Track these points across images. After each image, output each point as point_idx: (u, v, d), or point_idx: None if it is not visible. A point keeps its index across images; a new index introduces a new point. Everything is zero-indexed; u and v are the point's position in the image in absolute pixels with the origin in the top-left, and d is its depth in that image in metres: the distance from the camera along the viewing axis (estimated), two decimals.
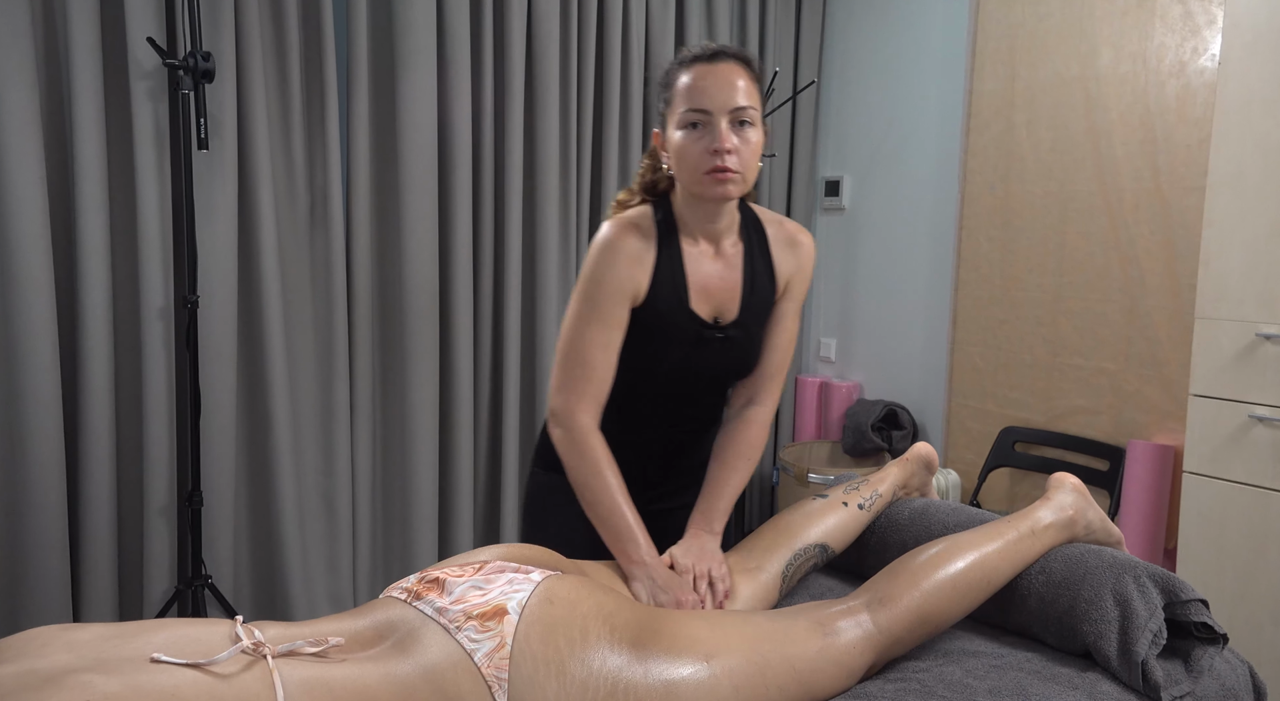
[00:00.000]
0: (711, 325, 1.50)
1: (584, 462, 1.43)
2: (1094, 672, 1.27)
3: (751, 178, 1.43)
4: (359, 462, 2.74)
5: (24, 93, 2.13)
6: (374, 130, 2.68)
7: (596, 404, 1.46)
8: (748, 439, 1.55)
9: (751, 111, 1.39)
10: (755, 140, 1.41)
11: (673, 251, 1.48)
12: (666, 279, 1.47)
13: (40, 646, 0.90)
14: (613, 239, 1.46)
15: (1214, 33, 2.40)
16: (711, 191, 1.40)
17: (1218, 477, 2.08)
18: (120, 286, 2.36)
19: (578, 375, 1.45)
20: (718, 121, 1.38)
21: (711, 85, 1.38)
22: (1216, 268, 2.07)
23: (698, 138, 1.39)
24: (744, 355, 1.54)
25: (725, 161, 1.37)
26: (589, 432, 1.44)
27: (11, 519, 2.23)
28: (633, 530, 1.40)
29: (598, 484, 1.41)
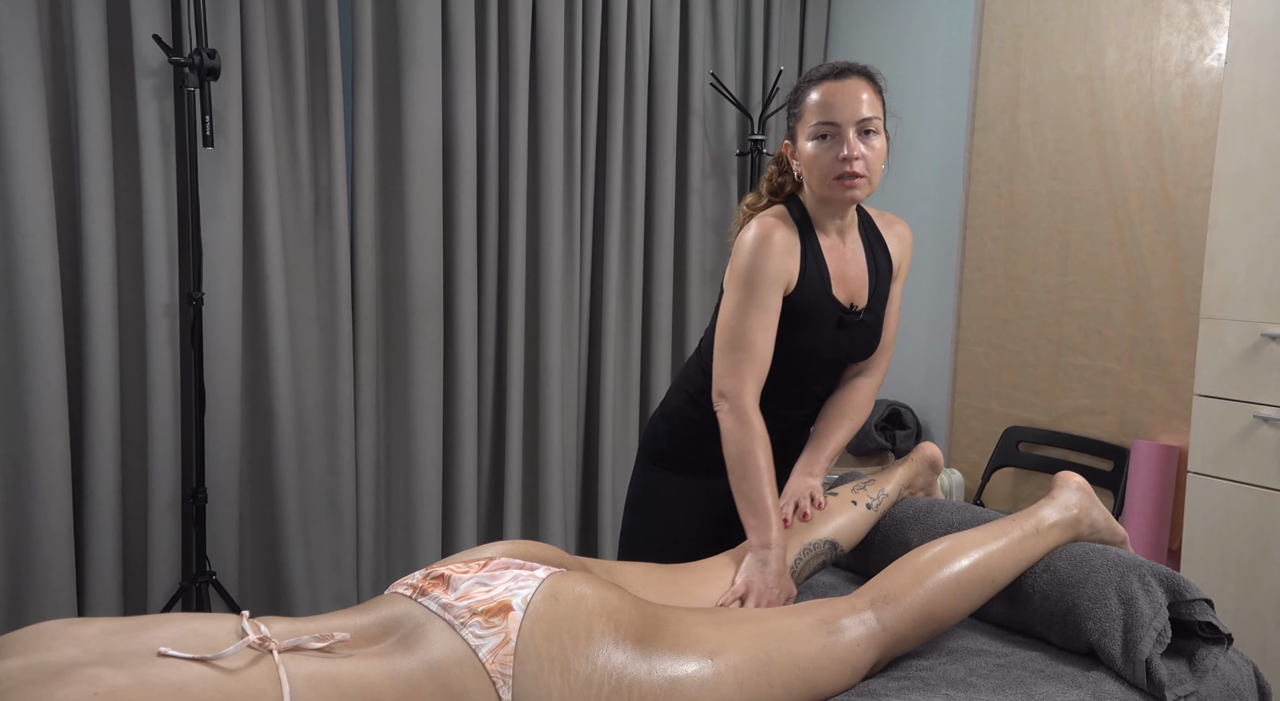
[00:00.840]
0: (850, 310, 1.64)
1: (743, 441, 1.53)
2: (1098, 671, 1.27)
3: (876, 181, 1.57)
4: (362, 460, 2.74)
5: (30, 90, 2.14)
6: (378, 128, 2.68)
7: (759, 384, 1.57)
8: (854, 402, 1.70)
9: (875, 121, 1.53)
10: (879, 147, 1.55)
11: (813, 244, 1.62)
12: (812, 269, 1.61)
13: (48, 640, 0.90)
14: (768, 232, 1.58)
15: (1220, 32, 2.40)
16: (841, 196, 1.55)
17: (1222, 478, 2.07)
18: (125, 283, 2.36)
19: (742, 358, 1.56)
20: (846, 132, 1.51)
21: (839, 100, 1.52)
22: (1222, 268, 2.07)
23: (828, 147, 1.53)
24: (874, 336, 1.70)
25: (854, 168, 1.51)
26: (753, 414, 1.55)
27: (18, 514, 2.24)
28: (770, 511, 1.50)
29: (750, 462, 1.52)
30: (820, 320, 1.62)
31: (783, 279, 1.58)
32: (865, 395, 1.71)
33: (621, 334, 3.15)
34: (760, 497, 1.50)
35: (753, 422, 1.53)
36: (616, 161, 3.05)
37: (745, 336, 1.56)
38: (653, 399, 3.21)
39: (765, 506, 1.49)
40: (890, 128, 1.61)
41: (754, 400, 1.55)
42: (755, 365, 1.56)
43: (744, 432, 1.53)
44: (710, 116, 3.28)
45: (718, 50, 3.25)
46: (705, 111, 3.25)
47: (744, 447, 1.53)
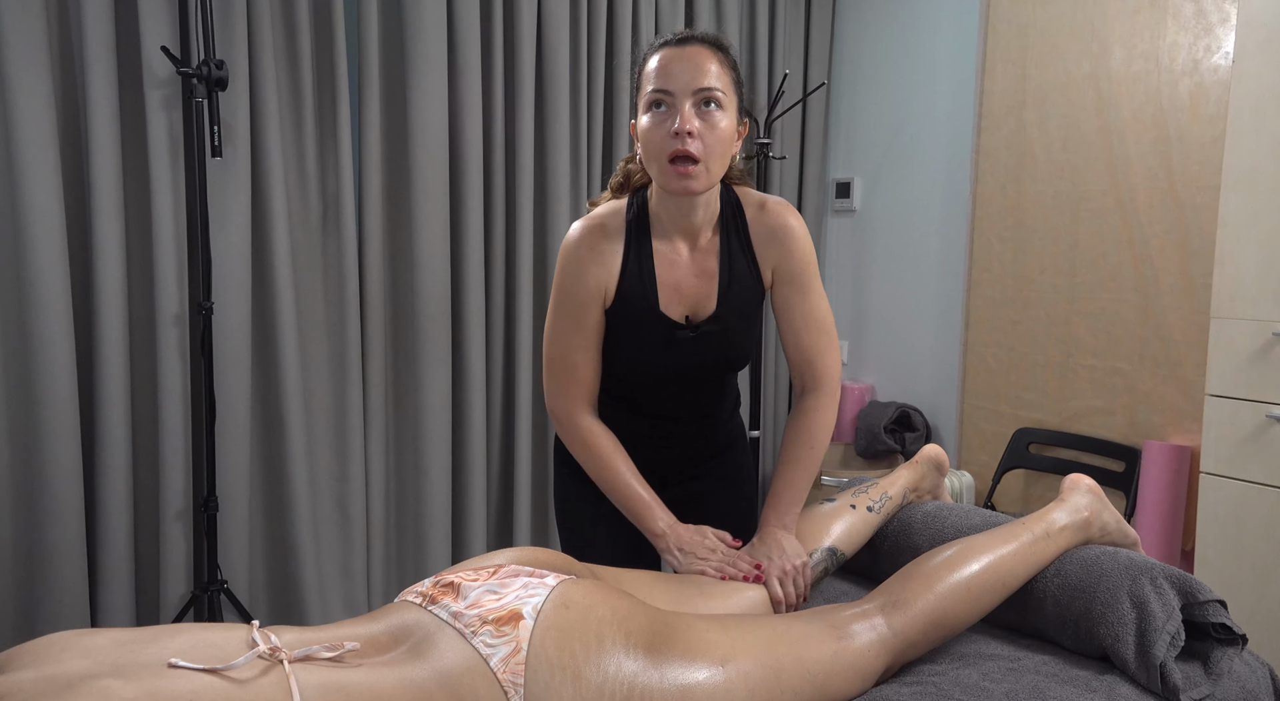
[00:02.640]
0: (683, 325, 1.47)
1: (592, 455, 1.48)
2: (1112, 675, 1.27)
3: (717, 169, 1.37)
4: (372, 467, 2.74)
5: (40, 102, 2.15)
6: (385, 136, 2.69)
7: (589, 400, 1.50)
8: (805, 428, 1.51)
9: (717, 93, 1.34)
10: (724, 126, 1.35)
11: (642, 251, 1.45)
12: (634, 280, 1.45)
13: (58, 652, 0.90)
14: (575, 243, 1.45)
15: (1227, 30, 2.39)
16: (674, 185, 1.35)
17: (1235, 478, 2.06)
18: (135, 293, 2.37)
19: (565, 379, 1.49)
20: (681, 103, 1.33)
21: (676, 66, 1.34)
22: (1232, 267, 2.06)
23: (661, 120, 1.34)
24: (723, 349, 1.50)
25: (687, 145, 1.32)
26: (589, 429, 1.49)
27: (29, 524, 2.25)
28: (648, 505, 1.45)
29: (609, 472, 1.47)
30: (643, 335, 1.47)
31: (595, 291, 1.44)
32: (814, 418, 1.51)
33: None
34: (633, 498, 1.45)
35: (592, 439, 1.48)
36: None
37: (565, 357, 1.48)
38: None
39: (644, 502, 1.45)
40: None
41: (587, 417, 1.49)
42: (579, 384, 1.48)
43: (588, 449, 1.48)
44: None
45: None
46: None
47: (598, 460, 1.47)
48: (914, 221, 3.25)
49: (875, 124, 3.37)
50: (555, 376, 1.50)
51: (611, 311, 1.46)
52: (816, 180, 3.50)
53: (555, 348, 1.49)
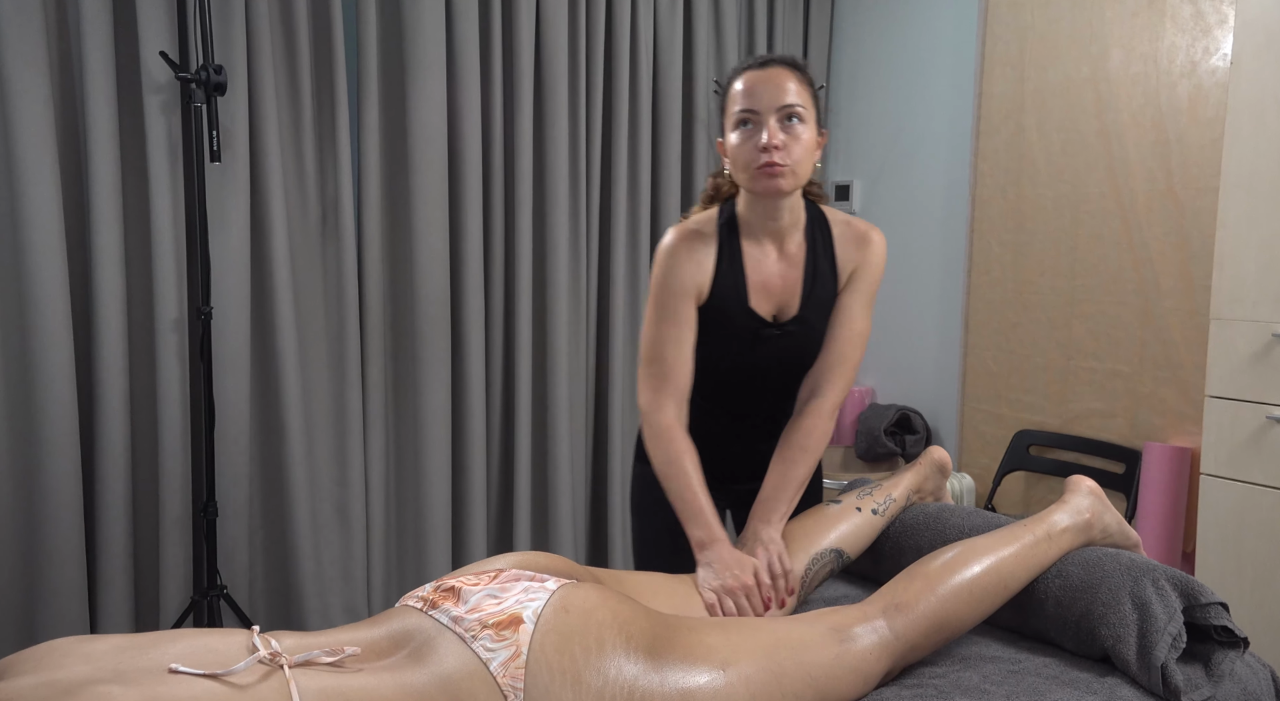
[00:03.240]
0: (770, 322, 1.58)
1: (665, 454, 1.54)
2: (1113, 677, 1.26)
3: (803, 172, 1.50)
4: (372, 472, 2.74)
5: (39, 107, 2.15)
6: (384, 140, 2.69)
7: (677, 399, 1.56)
8: (807, 430, 1.57)
9: (799, 109, 1.47)
10: (806, 137, 1.49)
11: (733, 252, 1.56)
12: (727, 278, 1.55)
13: (58, 658, 0.90)
14: (672, 244, 1.57)
15: (1225, 32, 2.39)
16: (763, 186, 1.48)
17: (1236, 480, 2.06)
18: (134, 298, 2.37)
19: (656, 373, 1.56)
20: (766, 119, 1.46)
21: (760, 87, 1.48)
22: (1231, 269, 2.06)
23: (748, 136, 1.48)
24: (803, 348, 1.60)
25: (774, 156, 1.45)
26: (671, 428, 1.55)
27: (28, 529, 2.24)
28: (703, 513, 1.49)
29: (675, 472, 1.52)
30: (733, 331, 1.57)
31: (691, 289, 1.54)
32: (817, 421, 1.57)
33: (629, 341, 3.15)
34: (691, 502, 1.50)
35: (672, 436, 1.53)
36: (621, 170, 3.05)
37: (657, 350, 1.55)
38: None
39: (699, 509, 1.49)
40: (829, 125, 1.55)
41: (671, 416, 1.55)
42: (670, 380, 1.55)
43: (664, 446, 1.54)
44: (714, 124, 3.28)
45: (721, 57, 3.25)
46: (710, 119, 3.25)
47: (668, 458, 1.53)
48: (913, 224, 3.25)
49: (874, 127, 3.37)
50: (648, 370, 1.57)
51: (705, 308, 1.56)
52: None
53: (651, 343, 1.56)
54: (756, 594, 1.42)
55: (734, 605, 1.40)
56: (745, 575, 1.42)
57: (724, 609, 1.40)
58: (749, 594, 1.41)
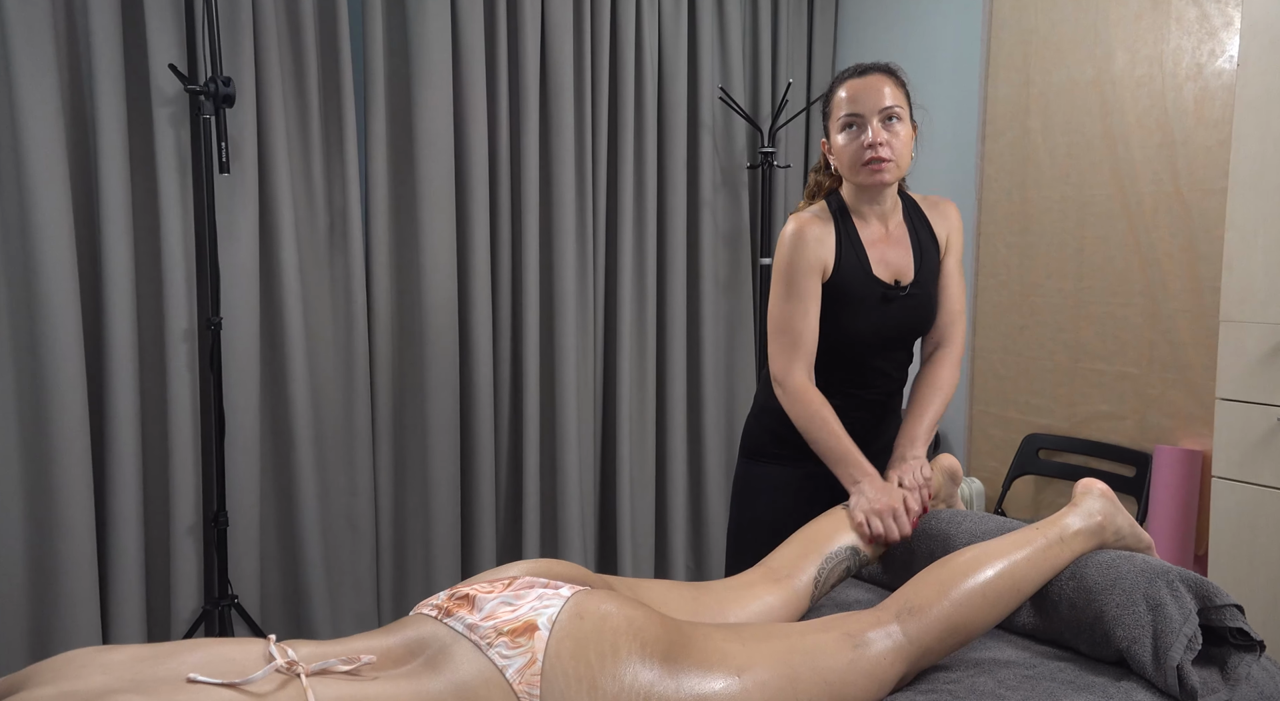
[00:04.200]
0: (894, 286, 1.75)
1: (805, 410, 1.70)
2: (1129, 681, 1.26)
3: (904, 164, 1.71)
4: (381, 480, 2.75)
5: (49, 120, 2.17)
6: (391, 151, 2.70)
7: (807, 364, 1.73)
8: (939, 375, 1.81)
9: (897, 109, 1.67)
10: (904, 134, 1.70)
11: (850, 230, 1.76)
12: (849, 253, 1.74)
13: (77, 668, 0.91)
14: (797, 228, 1.74)
15: (1231, 34, 2.39)
16: (870, 179, 1.68)
17: (1248, 482, 2.05)
18: (145, 309, 2.39)
19: (787, 342, 1.72)
20: (870, 121, 1.66)
21: (862, 93, 1.68)
22: (1240, 270, 2.06)
23: (854, 136, 1.68)
24: (926, 310, 1.81)
25: (879, 152, 1.65)
26: (806, 388, 1.72)
27: (41, 540, 2.25)
28: (851, 452, 1.66)
29: (817, 424, 1.69)
30: (862, 299, 1.74)
31: (817, 266, 1.72)
32: (945, 367, 1.80)
33: (636, 348, 3.15)
34: (838, 443, 1.66)
35: (808, 394, 1.70)
36: (628, 177, 3.06)
37: (787, 322, 1.72)
38: (668, 413, 3.21)
39: (845, 450, 1.66)
40: (919, 119, 1.75)
41: (805, 377, 1.72)
42: (800, 348, 1.72)
43: (802, 404, 1.70)
44: (720, 130, 3.29)
45: (726, 64, 3.26)
46: (715, 125, 3.26)
47: (808, 413, 1.69)
48: None
49: None
50: (778, 341, 1.74)
51: (831, 284, 1.74)
52: None
53: (780, 316, 1.73)
54: (904, 515, 1.57)
55: (881, 525, 1.55)
56: (894, 500, 1.58)
57: (872, 527, 1.55)
58: (896, 515, 1.56)
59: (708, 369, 3.26)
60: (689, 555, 3.28)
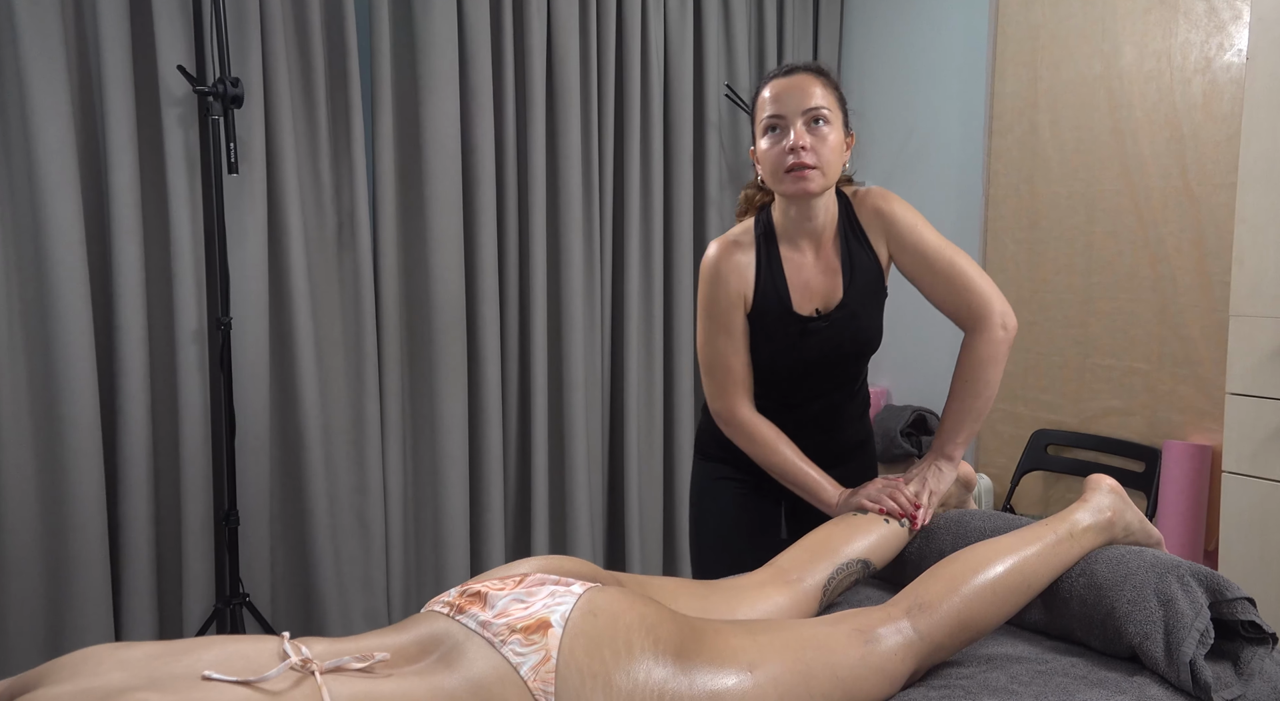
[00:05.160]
0: (815, 317, 1.64)
1: (759, 446, 1.66)
2: (1142, 676, 1.26)
3: (832, 173, 1.55)
4: (390, 479, 2.75)
5: (60, 122, 2.18)
6: (399, 151, 2.71)
7: (748, 396, 1.68)
8: (963, 364, 1.62)
9: (824, 111, 1.53)
10: (833, 139, 1.54)
11: (772, 258, 1.63)
12: (768, 285, 1.63)
13: (94, 665, 0.91)
14: (715, 258, 1.64)
15: (1240, 28, 2.38)
16: (793, 188, 1.53)
17: (1259, 477, 2.05)
18: (155, 309, 2.39)
19: (722, 379, 1.66)
20: (793, 123, 1.52)
21: (786, 93, 1.53)
22: (1250, 265, 2.05)
23: (776, 140, 1.54)
24: (853, 333, 1.66)
25: (802, 157, 1.50)
26: (752, 422, 1.66)
27: (53, 539, 2.26)
28: (818, 482, 1.62)
29: (777, 458, 1.64)
30: (782, 332, 1.64)
31: (737, 300, 1.63)
32: (975, 354, 1.59)
33: (644, 345, 3.15)
34: (803, 476, 1.63)
35: (754, 428, 1.65)
36: (634, 174, 3.06)
37: (718, 360, 1.66)
38: (676, 410, 3.21)
39: (813, 480, 1.62)
40: (856, 127, 1.62)
41: (748, 412, 1.67)
42: (736, 383, 1.66)
43: (751, 439, 1.66)
44: (726, 127, 3.29)
45: (732, 61, 3.26)
46: (721, 122, 3.25)
47: (760, 446, 1.65)
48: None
49: (885, 127, 3.37)
50: (714, 379, 1.67)
51: (751, 315, 1.64)
52: None
53: (710, 354, 1.66)
54: (902, 494, 1.56)
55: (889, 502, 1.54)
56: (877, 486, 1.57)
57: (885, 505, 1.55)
58: (894, 494, 1.55)
59: None
60: None
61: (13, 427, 2.21)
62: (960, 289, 1.61)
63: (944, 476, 1.61)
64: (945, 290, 1.62)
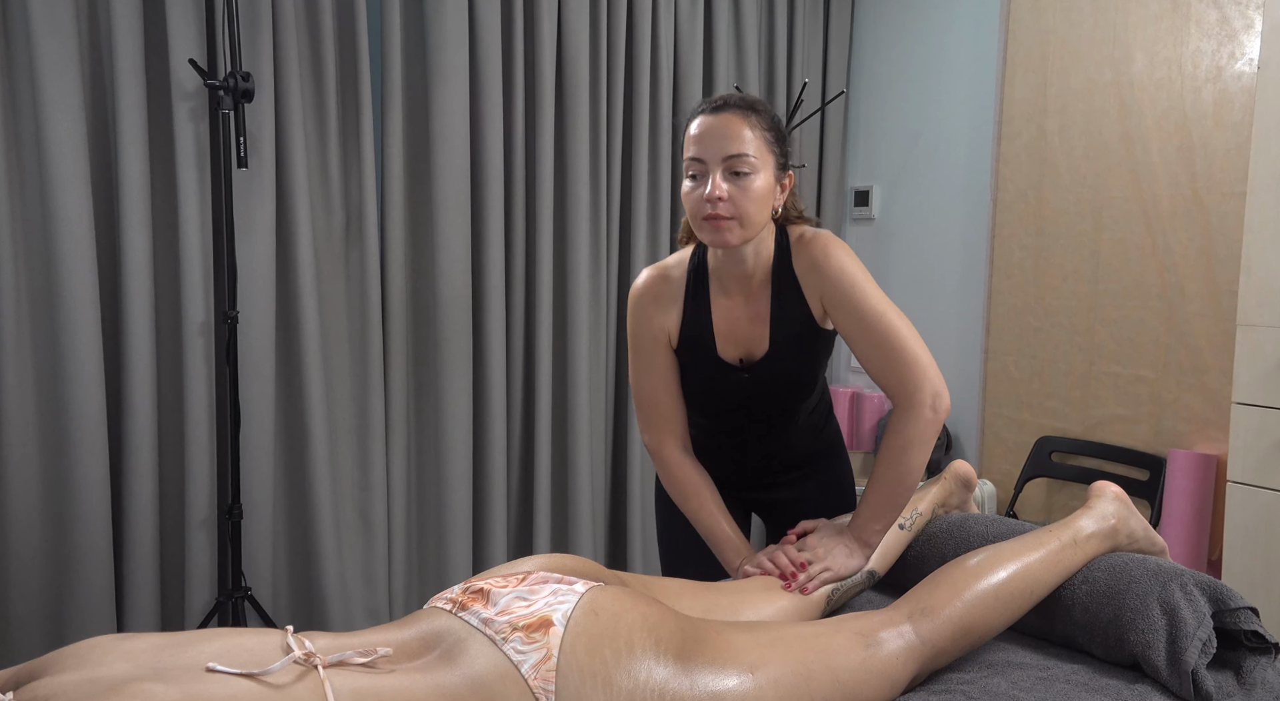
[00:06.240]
0: (737, 367, 1.57)
1: (679, 488, 1.61)
2: (1143, 684, 1.26)
3: (754, 224, 1.44)
4: (394, 476, 2.76)
5: (71, 115, 2.18)
6: (408, 147, 2.71)
7: (676, 433, 1.63)
8: (889, 445, 1.48)
9: (747, 160, 1.41)
10: (756, 186, 1.42)
11: (700, 299, 1.57)
12: (692, 326, 1.57)
13: (100, 655, 0.92)
14: (639, 293, 1.60)
15: (1251, 37, 2.38)
16: (709, 238, 1.45)
17: (1264, 487, 2.04)
18: (162, 302, 2.40)
19: (650, 413, 1.63)
20: (713, 170, 1.41)
21: (708, 135, 1.42)
22: (1259, 274, 2.04)
23: (696, 186, 1.44)
24: (778, 384, 1.58)
25: (717, 209, 1.40)
26: (678, 463, 1.62)
27: (57, 531, 2.27)
28: (728, 538, 1.57)
29: (694, 504, 1.60)
30: (706, 375, 1.59)
31: (660, 336, 1.59)
32: (893, 438, 1.47)
33: None
34: (714, 529, 1.58)
35: (680, 473, 1.61)
36: (642, 175, 3.06)
37: (645, 394, 1.62)
38: None
39: (724, 535, 1.57)
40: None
41: (675, 451, 1.62)
42: (665, 418, 1.61)
43: (675, 486, 1.62)
44: None
45: (741, 63, 3.26)
46: None
47: (681, 493, 1.61)
48: (934, 229, 3.25)
49: (894, 132, 3.37)
50: (642, 412, 1.64)
51: (678, 350, 1.60)
52: (835, 188, 3.50)
53: (637, 387, 1.63)
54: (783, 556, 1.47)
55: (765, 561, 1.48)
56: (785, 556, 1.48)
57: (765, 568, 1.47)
58: (775, 556, 1.48)
59: None
60: None
61: (19, 418, 2.22)
62: (894, 360, 1.45)
63: (851, 562, 1.47)
64: (877, 358, 1.47)
